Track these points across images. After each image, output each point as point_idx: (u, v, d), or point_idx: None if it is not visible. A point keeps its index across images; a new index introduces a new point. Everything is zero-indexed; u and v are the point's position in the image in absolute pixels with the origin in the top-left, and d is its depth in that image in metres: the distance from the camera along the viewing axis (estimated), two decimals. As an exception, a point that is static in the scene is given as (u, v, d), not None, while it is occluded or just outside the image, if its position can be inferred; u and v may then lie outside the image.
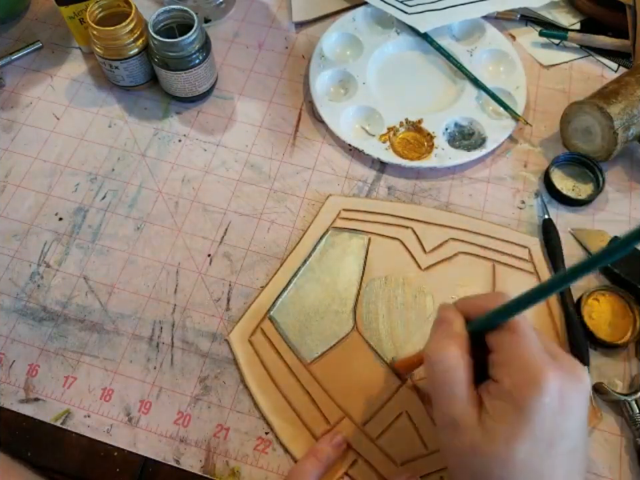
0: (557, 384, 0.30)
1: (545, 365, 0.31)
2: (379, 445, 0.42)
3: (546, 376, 0.30)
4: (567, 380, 0.31)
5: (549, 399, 0.30)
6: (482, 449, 0.31)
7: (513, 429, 0.30)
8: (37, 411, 0.44)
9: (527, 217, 0.52)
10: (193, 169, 0.55)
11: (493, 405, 0.31)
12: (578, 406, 0.31)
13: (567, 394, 0.31)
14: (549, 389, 0.30)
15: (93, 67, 0.60)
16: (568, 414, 0.31)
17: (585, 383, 0.32)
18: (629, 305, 0.47)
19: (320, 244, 0.50)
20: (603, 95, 0.51)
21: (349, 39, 0.61)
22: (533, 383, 0.30)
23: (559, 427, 0.30)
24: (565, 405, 0.30)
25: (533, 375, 0.31)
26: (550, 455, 0.30)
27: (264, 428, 0.44)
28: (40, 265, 0.50)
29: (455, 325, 0.34)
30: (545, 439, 0.30)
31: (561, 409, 0.30)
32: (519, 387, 0.31)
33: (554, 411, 0.30)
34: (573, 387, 0.31)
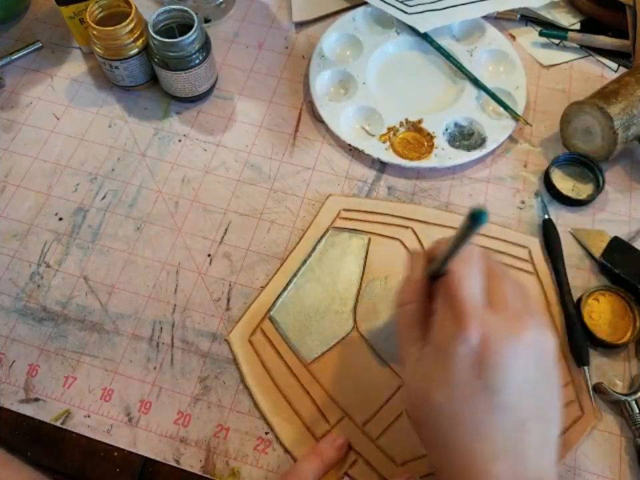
0: (476, 334, 0.30)
1: (467, 315, 0.30)
2: (379, 445, 0.42)
3: (465, 325, 0.30)
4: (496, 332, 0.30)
5: (464, 348, 0.30)
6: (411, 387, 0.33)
7: (432, 373, 0.32)
8: (37, 411, 0.44)
9: (527, 217, 0.52)
10: (193, 169, 0.55)
11: (425, 348, 0.33)
12: (509, 362, 0.30)
13: (492, 348, 0.30)
14: (466, 338, 0.30)
15: (92, 67, 0.60)
16: (493, 369, 0.30)
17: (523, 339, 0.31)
18: (629, 305, 0.47)
19: (320, 244, 0.50)
20: (603, 95, 0.51)
21: (349, 39, 0.61)
22: (452, 332, 0.31)
23: (480, 379, 0.30)
24: (486, 358, 0.30)
25: (455, 322, 0.31)
26: (472, 404, 0.30)
27: (264, 428, 0.44)
28: (40, 265, 0.50)
29: (414, 271, 0.36)
30: (462, 387, 0.30)
31: (482, 361, 0.30)
32: (439, 335, 0.32)
33: (473, 362, 0.30)
34: (502, 341, 0.30)
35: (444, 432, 0.31)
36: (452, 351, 0.30)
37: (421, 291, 0.35)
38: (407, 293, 0.36)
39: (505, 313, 0.32)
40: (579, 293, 0.47)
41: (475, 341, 0.30)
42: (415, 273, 0.36)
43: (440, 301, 0.33)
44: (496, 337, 0.30)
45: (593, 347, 0.46)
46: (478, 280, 0.32)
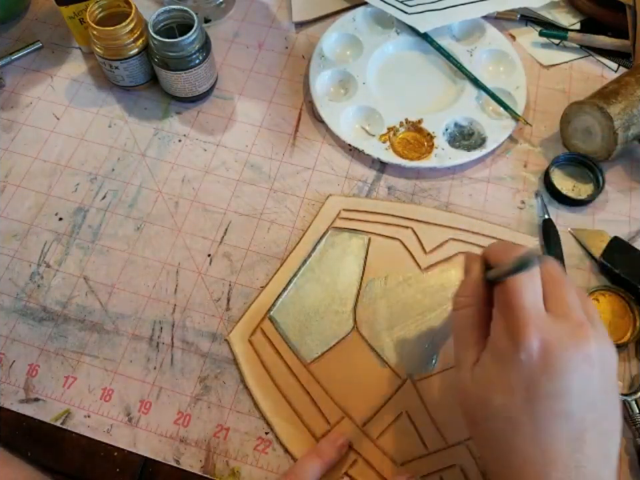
0: (537, 342, 0.30)
1: (531, 321, 0.30)
2: (379, 445, 0.42)
3: (524, 332, 0.30)
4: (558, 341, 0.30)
5: (524, 355, 0.30)
6: (469, 390, 0.33)
7: (490, 379, 0.31)
8: (37, 411, 0.44)
9: (527, 217, 0.52)
10: (193, 169, 0.55)
11: (483, 353, 0.33)
12: (570, 371, 0.30)
13: (554, 356, 0.30)
14: (526, 346, 0.30)
15: (92, 67, 0.60)
16: (555, 374, 0.30)
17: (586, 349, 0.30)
18: (628, 305, 0.47)
19: (320, 244, 0.50)
20: (603, 95, 0.51)
21: (349, 39, 0.61)
22: (511, 338, 0.31)
23: (540, 385, 0.30)
24: (548, 366, 0.30)
25: (513, 330, 0.31)
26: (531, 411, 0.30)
27: (264, 428, 0.44)
28: (40, 265, 0.50)
29: (472, 272, 0.35)
30: (522, 393, 0.30)
31: (544, 369, 0.30)
32: (499, 341, 0.31)
33: (532, 370, 0.30)
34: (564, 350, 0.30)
35: (502, 435, 0.31)
36: (512, 358, 0.30)
37: (479, 294, 0.34)
38: (464, 296, 0.35)
39: (567, 321, 0.31)
40: (579, 293, 0.47)
41: (535, 349, 0.30)
42: (472, 276, 0.35)
43: (500, 306, 0.33)
44: (558, 345, 0.30)
45: (593, 347, 0.46)
46: (539, 287, 0.32)
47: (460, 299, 0.35)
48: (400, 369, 0.45)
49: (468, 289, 0.35)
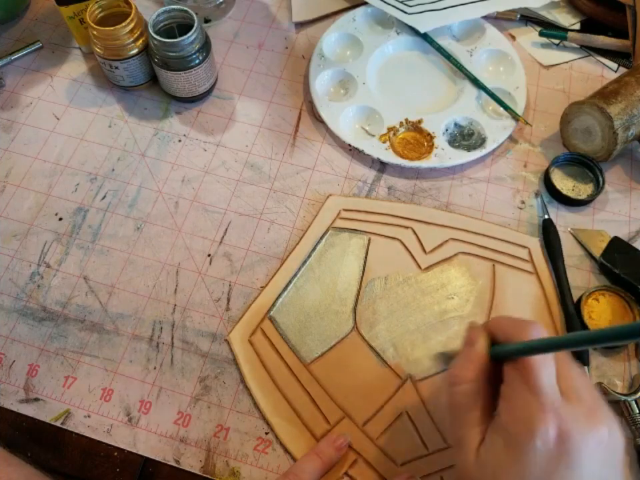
0: (554, 428, 0.29)
1: (547, 407, 0.29)
2: (379, 445, 0.42)
3: (542, 418, 0.29)
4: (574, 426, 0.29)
5: (541, 442, 0.29)
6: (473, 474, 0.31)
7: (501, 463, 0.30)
8: (37, 411, 0.44)
9: (527, 217, 0.52)
10: (192, 169, 0.55)
11: (490, 435, 0.31)
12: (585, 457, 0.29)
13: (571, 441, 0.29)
14: (542, 434, 0.29)
15: (92, 67, 0.60)
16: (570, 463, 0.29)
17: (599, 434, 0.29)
18: (628, 305, 0.47)
19: (320, 244, 0.50)
20: (603, 95, 0.51)
21: (349, 38, 0.61)
22: (527, 424, 0.29)
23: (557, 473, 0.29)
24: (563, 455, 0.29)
25: (530, 415, 0.29)
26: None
27: (264, 428, 0.44)
28: (40, 265, 0.50)
29: (477, 347, 0.34)
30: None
31: (560, 456, 0.29)
32: (513, 425, 0.30)
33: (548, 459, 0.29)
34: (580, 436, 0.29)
35: None
36: (528, 444, 0.29)
37: (483, 370, 0.33)
38: (466, 370, 0.33)
39: (580, 405, 0.30)
40: (579, 293, 0.47)
41: (552, 436, 0.29)
42: (477, 350, 0.33)
43: (512, 385, 0.31)
44: (575, 432, 0.29)
45: (593, 348, 0.46)
46: (554, 368, 0.31)
47: (463, 373, 0.33)
48: (400, 369, 0.45)
49: (473, 362, 0.33)
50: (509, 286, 0.48)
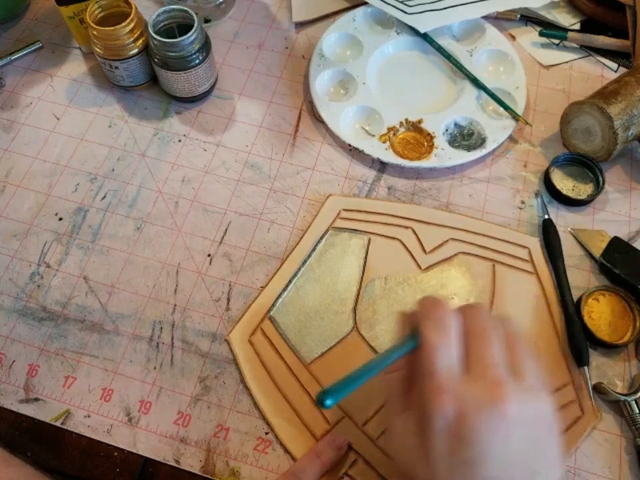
0: (451, 409, 0.28)
1: (442, 387, 0.29)
2: (379, 445, 0.42)
3: (438, 399, 0.29)
4: (471, 405, 0.29)
5: (441, 423, 0.29)
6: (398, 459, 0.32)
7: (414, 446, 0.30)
8: (37, 411, 0.44)
9: (527, 217, 0.52)
10: (192, 169, 0.55)
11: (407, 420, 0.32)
12: (487, 435, 0.28)
13: (469, 421, 0.28)
14: (440, 413, 0.29)
15: (93, 67, 0.60)
16: (470, 442, 0.28)
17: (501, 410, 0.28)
18: (628, 305, 0.47)
19: (320, 244, 0.50)
20: (603, 95, 0.51)
21: (349, 39, 0.61)
22: (426, 407, 0.29)
23: (460, 453, 0.29)
24: (464, 431, 0.28)
25: (429, 397, 0.29)
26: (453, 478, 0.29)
27: (264, 428, 0.44)
28: (40, 265, 0.50)
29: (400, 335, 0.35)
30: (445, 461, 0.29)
31: (459, 436, 0.28)
32: (419, 407, 0.30)
33: (451, 436, 0.29)
34: (478, 414, 0.28)
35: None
36: (430, 427, 0.29)
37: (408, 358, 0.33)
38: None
39: (483, 381, 0.30)
40: (578, 293, 0.47)
41: (451, 416, 0.29)
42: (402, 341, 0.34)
43: (418, 370, 0.32)
44: (473, 409, 0.29)
45: (593, 347, 0.46)
46: (454, 348, 0.31)
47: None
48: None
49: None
50: (508, 286, 0.48)
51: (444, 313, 0.32)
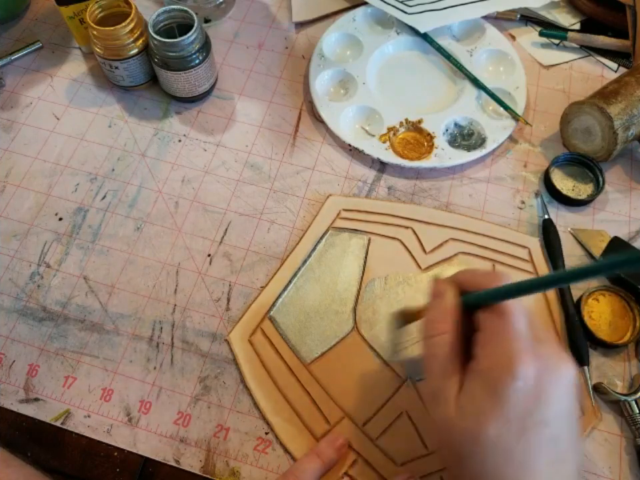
0: (532, 371, 0.30)
1: (524, 350, 0.30)
2: (379, 445, 0.42)
3: (521, 361, 0.30)
4: (544, 368, 0.30)
5: (521, 384, 0.30)
6: (454, 424, 0.32)
7: (484, 408, 0.30)
8: (37, 411, 0.44)
9: (527, 217, 0.52)
10: (192, 169, 0.55)
11: (469, 383, 0.32)
12: (557, 395, 0.31)
13: (545, 382, 0.30)
14: (523, 374, 0.30)
15: (93, 67, 0.60)
16: (545, 402, 0.30)
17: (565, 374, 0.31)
18: (628, 305, 0.47)
19: (320, 244, 0.50)
20: (603, 95, 0.51)
21: (349, 38, 0.61)
22: (507, 367, 0.30)
23: (533, 413, 0.30)
24: (541, 392, 0.30)
25: (509, 358, 0.30)
26: (524, 439, 0.30)
27: (264, 428, 0.44)
28: (40, 265, 0.50)
29: (447, 297, 0.34)
30: (518, 422, 0.30)
31: (537, 397, 0.30)
32: (493, 369, 0.31)
33: (528, 397, 0.30)
34: (551, 376, 0.31)
35: (494, 468, 0.31)
36: (508, 387, 0.30)
37: (457, 320, 0.33)
38: (439, 322, 0.34)
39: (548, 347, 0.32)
40: (579, 293, 0.47)
41: (531, 376, 0.30)
42: (448, 300, 0.34)
43: (488, 331, 0.32)
44: (547, 372, 0.30)
45: (593, 347, 0.46)
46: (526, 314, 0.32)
47: (434, 325, 0.34)
48: (400, 369, 0.45)
49: (443, 314, 0.34)
50: (509, 286, 0.48)
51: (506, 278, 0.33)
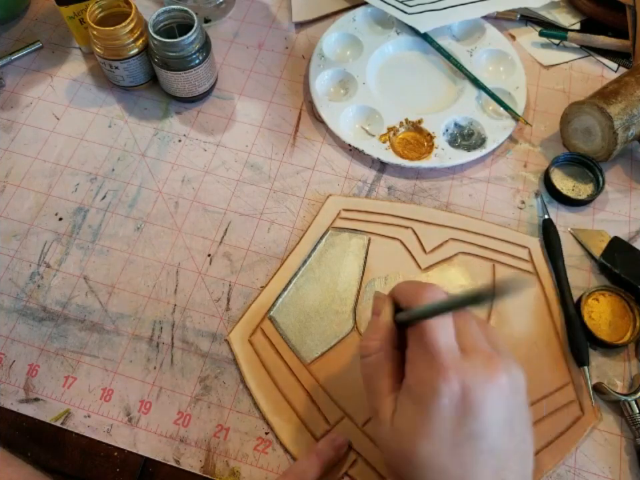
0: (456, 385, 0.29)
1: (447, 364, 0.30)
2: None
3: (445, 376, 0.29)
4: (472, 380, 0.30)
5: (447, 400, 0.29)
6: (390, 445, 0.32)
7: (415, 427, 0.30)
8: (37, 411, 0.44)
9: (527, 217, 0.52)
10: (192, 169, 0.55)
11: (401, 401, 0.32)
12: (489, 406, 0.30)
13: (473, 395, 0.29)
14: (447, 390, 0.29)
15: (93, 67, 0.60)
16: (476, 415, 0.30)
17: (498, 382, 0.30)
18: (628, 305, 0.47)
19: (320, 244, 0.50)
20: (603, 95, 0.51)
21: (349, 38, 0.61)
22: (430, 383, 0.30)
23: (464, 427, 0.30)
24: (470, 406, 0.29)
25: (432, 375, 0.30)
26: (458, 454, 0.30)
27: (264, 428, 0.44)
28: (40, 265, 0.50)
29: (383, 316, 0.34)
30: (449, 439, 0.30)
31: (465, 411, 0.30)
32: (419, 385, 0.31)
33: (456, 412, 0.30)
34: (480, 388, 0.30)
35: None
36: (434, 403, 0.30)
37: (390, 338, 0.34)
38: (374, 340, 0.34)
39: (478, 356, 0.31)
40: (579, 293, 0.47)
41: (456, 391, 0.29)
42: (383, 319, 0.34)
43: (414, 349, 0.32)
44: (475, 383, 0.30)
45: (593, 347, 0.46)
46: (451, 326, 0.32)
47: (370, 344, 0.34)
48: None
49: (378, 332, 0.34)
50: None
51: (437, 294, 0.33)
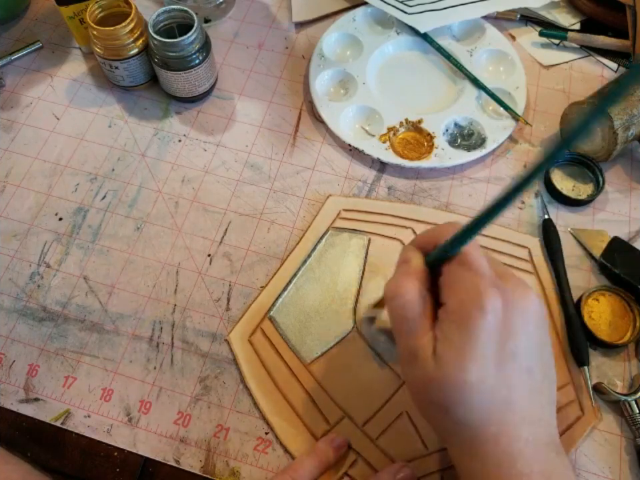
0: (498, 303, 0.31)
1: (488, 285, 0.31)
2: (379, 445, 0.42)
3: (488, 294, 0.30)
4: (510, 300, 0.31)
5: (491, 317, 0.30)
6: (436, 375, 0.32)
7: (462, 352, 0.31)
8: (37, 411, 0.44)
9: (527, 217, 0.52)
10: (192, 169, 0.55)
11: (442, 328, 0.32)
12: (524, 327, 0.32)
13: (511, 314, 0.31)
14: (492, 307, 0.30)
15: (93, 67, 0.60)
16: (514, 334, 0.31)
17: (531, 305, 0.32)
18: (628, 305, 0.47)
19: (320, 244, 0.50)
20: (602, 95, 0.51)
21: (349, 38, 0.61)
22: (475, 301, 0.31)
23: (505, 345, 0.31)
24: (509, 324, 0.31)
25: (475, 293, 0.31)
26: (502, 375, 0.31)
27: (264, 428, 0.44)
28: (40, 265, 0.50)
29: (413, 261, 0.35)
30: (494, 358, 0.31)
31: (506, 329, 0.31)
32: (462, 306, 0.31)
33: (498, 331, 0.31)
34: (516, 308, 0.31)
35: (481, 409, 0.31)
36: (480, 321, 0.30)
37: (424, 279, 0.34)
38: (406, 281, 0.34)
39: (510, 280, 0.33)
40: (579, 293, 0.47)
41: (499, 308, 0.31)
42: (415, 263, 0.35)
43: (454, 274, 0.33)
44: (513, 304, 0.31)
45: (592, 347, 0.46)
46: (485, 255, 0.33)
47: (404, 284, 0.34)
48: (400, 369, 0.45)
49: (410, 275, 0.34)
50: (509, 286, 0.48)
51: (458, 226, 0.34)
